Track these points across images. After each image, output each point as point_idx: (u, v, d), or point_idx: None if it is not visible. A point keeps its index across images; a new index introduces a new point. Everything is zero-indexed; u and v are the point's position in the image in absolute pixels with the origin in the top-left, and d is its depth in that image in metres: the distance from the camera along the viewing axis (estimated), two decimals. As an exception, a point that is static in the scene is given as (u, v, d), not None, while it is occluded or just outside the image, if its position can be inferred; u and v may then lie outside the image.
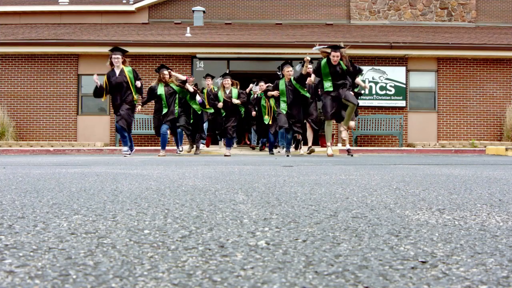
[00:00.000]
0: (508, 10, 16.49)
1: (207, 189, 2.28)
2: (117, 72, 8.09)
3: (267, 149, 11.46)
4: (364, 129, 13.14)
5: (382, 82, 13.49)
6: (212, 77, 10.36)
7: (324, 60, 7.90)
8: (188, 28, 14.41)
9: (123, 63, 8.12)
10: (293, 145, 10.32)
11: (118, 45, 12.80)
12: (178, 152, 9.76)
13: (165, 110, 8.72)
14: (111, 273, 0.84)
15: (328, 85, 8.04)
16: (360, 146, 13.20)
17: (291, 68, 8.76)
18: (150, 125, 13.87)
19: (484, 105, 13.53)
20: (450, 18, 16.12)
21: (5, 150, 10.35)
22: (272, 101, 10.09)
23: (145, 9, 16.42)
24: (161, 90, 8.72)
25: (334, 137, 13.32)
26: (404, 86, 13.41)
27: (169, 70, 8.88)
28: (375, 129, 13.23)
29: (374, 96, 13.45)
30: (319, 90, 8.67)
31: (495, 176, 3.17)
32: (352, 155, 8.65)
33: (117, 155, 8.85)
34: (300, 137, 10.28)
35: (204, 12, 16.09)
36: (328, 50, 7.91)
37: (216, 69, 14.16)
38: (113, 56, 7.99)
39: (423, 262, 0.92)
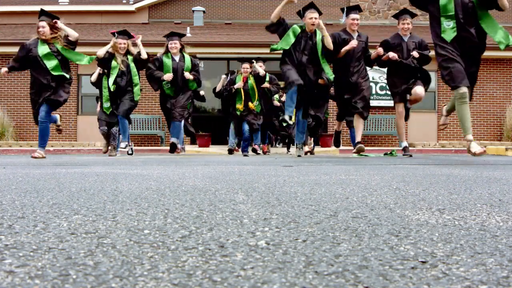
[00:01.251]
0: (508, 10, 16.47)
1: (207, 189, 2.28)
2: None
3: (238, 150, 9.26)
4: (364, 129, 13.11)
5: (382, 82, 13.48)
6: (130, 36, 7.47)
7: None
8: (188, 28, 14.41)
9: None
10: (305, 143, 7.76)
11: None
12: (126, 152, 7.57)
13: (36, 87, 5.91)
14: (111, 273, 0.84)
15: (448, 25, 4.97)
16: (360, 146, 13.18)
17: (317, 15, 6.34)
18: (150, 125, 13.82)
19: (484, 105, 13.53)
20: (450, 18, 16.10)
21: (5, 150, 10.35)
22: (251, 81, 8.25)
23: (145, 9, 16.43)
24: (40, 50, 5.98)
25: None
26: (404, 86, 13.39)
27: (55, 21, 6.18)
28: (375, 129, 13.23)
29: (374, 96, 13.44)
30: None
31: (495, 176, 3.17)
32: (410, 155, 7.18)
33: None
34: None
35: (204, 12, 16.10)
36: None
37: (216, 69, 14.19)
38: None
39: (423, 262, 0.92)
